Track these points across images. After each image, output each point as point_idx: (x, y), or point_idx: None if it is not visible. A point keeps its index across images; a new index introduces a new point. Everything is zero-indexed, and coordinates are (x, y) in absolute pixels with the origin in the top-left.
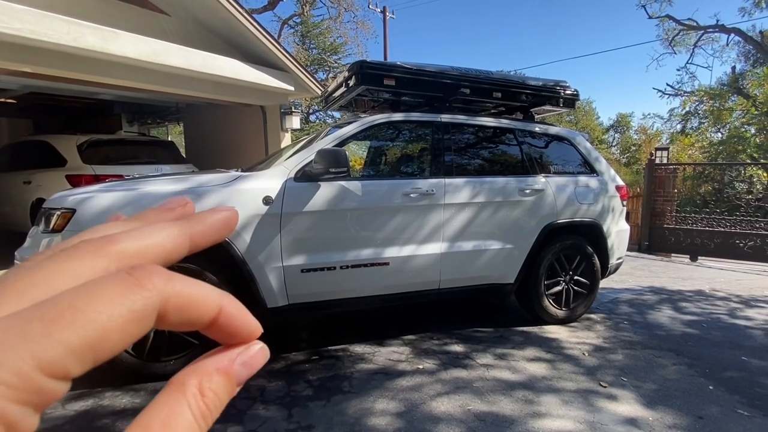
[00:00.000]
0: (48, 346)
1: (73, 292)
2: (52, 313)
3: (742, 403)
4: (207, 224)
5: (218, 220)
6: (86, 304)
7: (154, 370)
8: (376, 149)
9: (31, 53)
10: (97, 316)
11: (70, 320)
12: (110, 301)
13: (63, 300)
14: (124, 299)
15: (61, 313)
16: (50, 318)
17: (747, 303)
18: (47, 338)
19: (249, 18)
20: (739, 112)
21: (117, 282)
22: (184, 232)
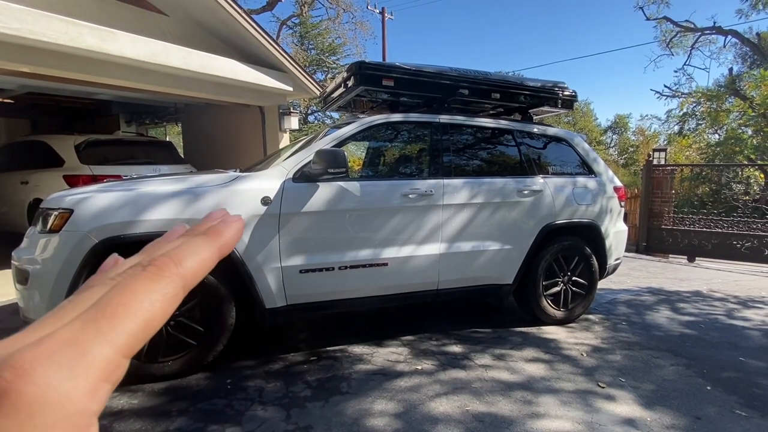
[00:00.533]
0: (117, 335)
1: (116, 293)
2: (110, 312)
3: (740, 403)
4: (229, 237)
5: (236, 232)
6: (130, 299)
7: (152, 370)
8: (375, 150)
9: (29, 53)
10: (141, 305)
11: (123, 314)
12: (146, 293)
13: (112, 300)
14: (156, 288)
15: (115, 310)
16: (110, 315)
17: (744, 304)
18: (114, 330)
19: (248, 19)
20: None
21: (146, 277)
22: (217, 249)
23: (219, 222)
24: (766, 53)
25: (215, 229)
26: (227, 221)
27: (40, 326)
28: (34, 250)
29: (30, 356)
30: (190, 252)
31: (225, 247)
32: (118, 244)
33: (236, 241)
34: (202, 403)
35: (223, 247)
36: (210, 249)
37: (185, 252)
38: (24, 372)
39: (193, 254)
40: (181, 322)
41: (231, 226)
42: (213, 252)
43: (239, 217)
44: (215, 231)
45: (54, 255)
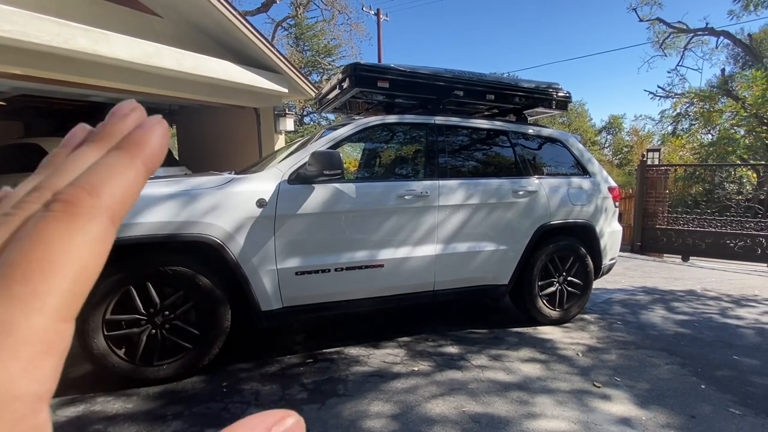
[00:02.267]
0: (44, 300)
1: (24, 248)
2: (24, 273)
3: (734, 401)
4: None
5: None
6: (46, 252)
7: (147, 374)
8: (371, 151)
9: (21, 55)
10: (62, 256)
11: (45, 272)
12: (64, 239)
13: (23, 258)
14: (74, 230)
15: (31, 270)
16: (26, 278)
17: (738, 302)
18: (39, 294)
19: (242, 20)
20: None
21: (56, 218)
22: (142, 165)
23: (136, 129)
24: (757, 54)
25: (133, 140)
26: (145, 126)
27: None
28: None
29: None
30: (106, 176)
31: (151, 162)
32: (112, 247)
33: (163, 152)
34: (197, 407)
35: (149, 161)
36: (133, 167)
37: (100, 176)
38: None
39: (112, 178)
40: (177, 325)
41: (153, 132)
42: (138, 171)
43: (160, 119)
44: (134, 142)
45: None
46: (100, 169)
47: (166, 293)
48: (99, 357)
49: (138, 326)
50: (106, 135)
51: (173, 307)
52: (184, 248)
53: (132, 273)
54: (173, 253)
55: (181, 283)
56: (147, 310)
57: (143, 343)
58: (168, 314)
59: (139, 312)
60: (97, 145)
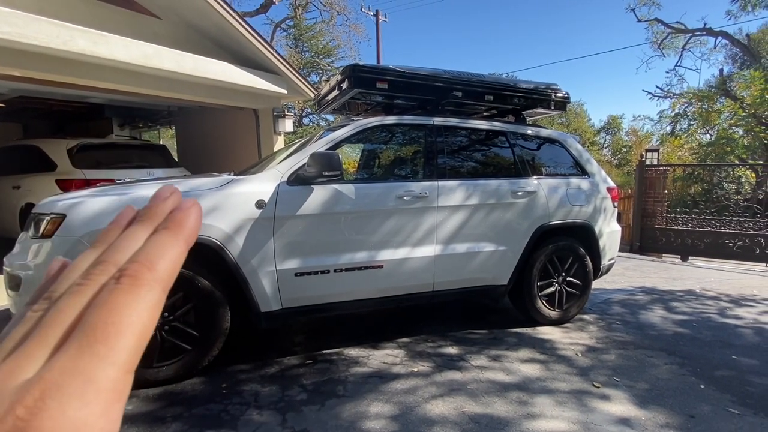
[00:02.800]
0: (117, 356)
1: (101, 313)
2: (102, 334)
3: (733, 401)
4: (192, 228)
5: (197, 220)
6: (118, 317)
7: (146, 376)
8: (370, 152)
9: (20, 57)
10: (130, 320)
11: (116, 333)
12: (130, 307)
13: (99, 321)
14: (138, 299)
15: (107, 331)
16: (104, 338)
17: (737, 302)
18: (113, 350)
19: (241, 21)
20: (727, 113)
21: (124, 290)
22: (184, 242)
23: (176, 211)
24: (755, 54)
25: (176, 221)
26: (184, 209)
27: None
28: (26, 256)
29: (38, 391)
30: (159, 253)
31: (190, 239)
32: None
33: (198, 228)
34: (197, 408)
35: (189, 239)
36: (178, 245)
37: (154, 254)
38: (38, 408)
39: (164, 255)
40: (176, 326)
41: (190, 214)
42: (181, 247)
43: (194, 201)
44: (176, 223)
45: (46, 261)
46: (154, 247)
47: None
48: None
49: None
50: (152, 215)
51: (172, 309)
52: None
53: None
54: None
55: (180, 284)
56: None
57: None
58: (167, 316)
59: None
60: (145, 224)
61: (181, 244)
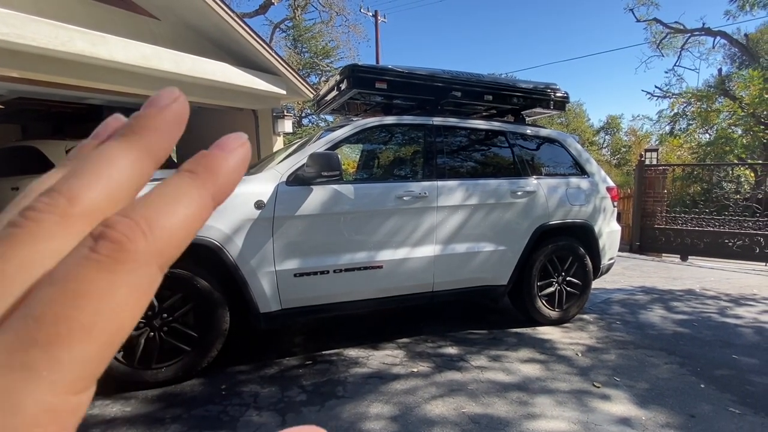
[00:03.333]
0: (63, 372)
1: (54, 298)
2: (47, 335)
3: (734, 401)
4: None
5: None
6: (84, 313)
7: (145, 377)
8: (369, 152)
9: (18, 58)
10: (100, 318)
11: (72, 336)
12: (104, 294)
13: (48, 312)
14: (118, 282)
15: (57, 332)
16: (47, 341)
17: (736, 301)
18: (59, 364)
19: (240, 22)
20: (726, 113)
21: (101, 267)
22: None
23: (215, 148)
24: (754, 54)
25: (209, 166)
26: (225, 146)
27: None
28: None
29: None
30: (168, 207)
31: (222, 196)
32: None
33: (237, 181)
34: (196, 410)
35: (220, 194)
36: (200, 198)
37: (160, 207)
38: None
39: (175, 210)
40: (175, 327)
41: (232, 157)
42: (204, 203)
43: (244, 140)
44: (209, 168)
45: None
46: (162, 197)
47: (164, 296)
48: None
49: (136, 329)
50: (139, 128)
51: (171, 310)
52: None
53: None
54: None
55: (179, 285)
56: (145, 313)
57: (141, 346)
58: (166, 317)
59: None
60: (127, 140)
61: (204, 197)
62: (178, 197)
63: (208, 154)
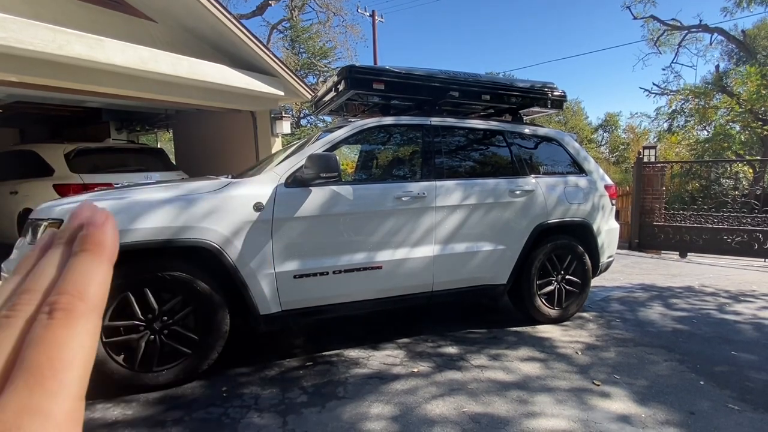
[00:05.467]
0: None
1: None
2: (49, 371)
3: (733, 397)
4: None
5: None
6: (62, 352)
7: (146, 380)
8: (367, 153)
9: (16, 62)
10: (74, 353)
11: (63, 368)
12: (71, 340)
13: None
14: (76, 331)
15: (54, 367)
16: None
17: (735, 298)
18: (63, 385)
19: (237, 24)
20: (723, 110)
21: (61, 324)
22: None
23: (90, 227)
24: (751, 50)
25: (93, 240)
26: (97, 224)
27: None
28: None
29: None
30: (86, 279)
31: (113, 256)
32: None
33: (117, 242)
34: (197, 412)
35: (111, 257)
36: (102, 266)
37: (81, 281)
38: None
39: (91, 280)
40: (176, 330)
41: (106, 230)
42: (106, 268)
43: (107, 215)
44: (95, 242)
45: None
46: (79, 274)
47: (165, 299)
48: (97, 363)
49: (136, 332)
50: (70, 236)
51: (172, 313)
52: (181, 253)
53: (130, 279)
54: (171, 259)
55: (179, 288)
56: (145, 316)
57: (142, 349)
58: (166, 320)
59: (138, 318)
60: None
61: (105, 264)
62: (90, 272)
63: (90, 234)
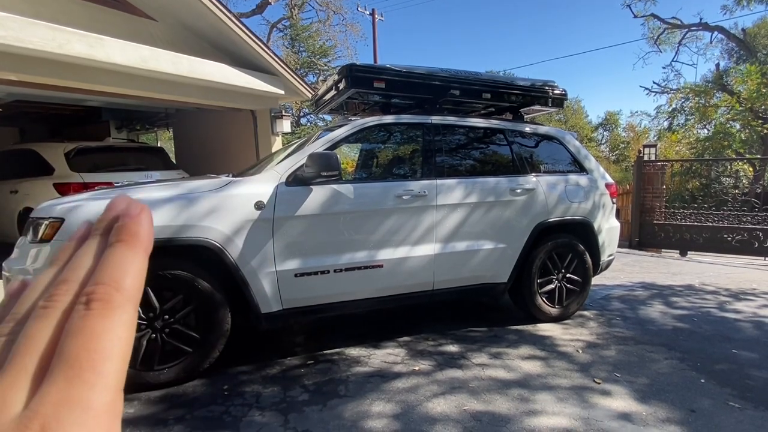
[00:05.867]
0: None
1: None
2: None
3: (734, 395)
4: (147, 235)
5: (149, 225)
6: (99, 344)
7: (147, 379)
8: (368, 152)
9: (16, 61)
10: (111, 344)
11: (101, 359)
12: (108, 331)
13: (81, 349)
14: (113, 322)
15: (92, 358)
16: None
17: (736, 296)
18: (102, 376)
19: (237, 22)
20: (724, 108)
21: (98, 315)
22: (143, 253)
23: (125, 218)
24: (751, 48)
25: (129, 231)
26: (133, 216)
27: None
28: (25, 261)
29: (38, 426)
30: (122, 270)
31: (148, 247)
32: None
33: (152, 233)
34: (199, 410)
35: (147, 248)
36: (138, 258)
37: (117, 272)
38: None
39: (128, 271)
40: (177, 329)
41: (142, 221)
42: (142, 259)
43: (143, 206)
44: (131, 233)
45: (45, 265)
46: (116, 265)
47: (166, 297)
48: None
49: (138, 331)
50: (106, 228)
51: (173, 311)
52: (182, 252)
53: None
54: (172, 257)
55: (180, 286)
56: (147, 315)
57: (143, 348)
58: (168, 318)
59: (139, 316)
60: (101, 238)
61: (141, 255)
62: (126, 262)
63: (126, 224)
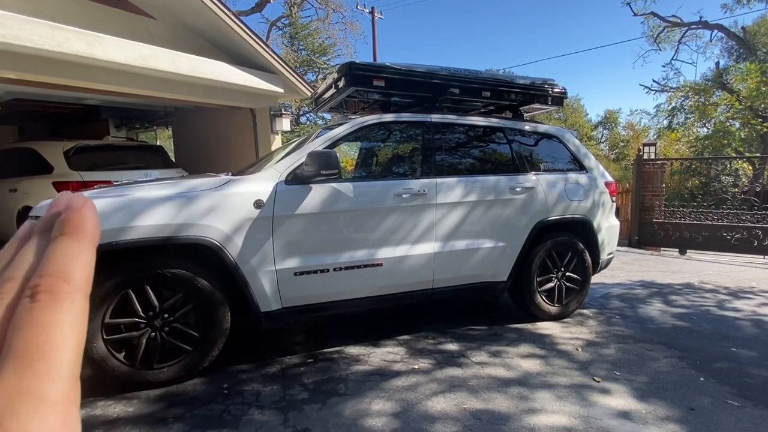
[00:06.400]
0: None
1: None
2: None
3: (733, 393)
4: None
5: (94, 216)
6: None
7: (147, 377)
8: (368, 150)
9: (14, 59)
10: (62, 335)
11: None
12: (58, 323)
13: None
14: (62, 313)
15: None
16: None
17: (735, 294)
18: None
19: (236, 20)
20: (723, 106)
21: (46, 307)
22: (90, 244)
23: (68, 213)
24: (751, 47)
25: (72, 223)
26: (75, 209)
27: None
28: None
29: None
30: (68, 261)
31: (95, 239)
32: (110, 251)
33: (98, 225)
34: (198, 409)
35: (94, 239)
36: (84, 248)
37: (63, 263)
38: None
39: (74, 262)
40: (176, 327)
41: (85, 213)
42: (88, 250)
43: (85, 199)
44: (74, 225)
45: None
46: (61, 257)
47: (165, 296)
48: (98, 361)
49: (137, 329)
50: (48, 225)
51: (172, 310)
52: (182, 251)
53: (130, 276)
54: (171, 256)
55: (179, 285)
56: (146, 313)
57: (143, 347)
58: (167, 317)
59: (138, 315)
60: (43, 235)
61: (88, 246)
62: (72, 254)
63: (68, 218)
